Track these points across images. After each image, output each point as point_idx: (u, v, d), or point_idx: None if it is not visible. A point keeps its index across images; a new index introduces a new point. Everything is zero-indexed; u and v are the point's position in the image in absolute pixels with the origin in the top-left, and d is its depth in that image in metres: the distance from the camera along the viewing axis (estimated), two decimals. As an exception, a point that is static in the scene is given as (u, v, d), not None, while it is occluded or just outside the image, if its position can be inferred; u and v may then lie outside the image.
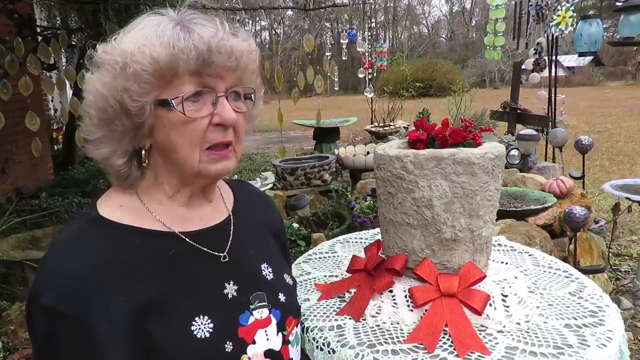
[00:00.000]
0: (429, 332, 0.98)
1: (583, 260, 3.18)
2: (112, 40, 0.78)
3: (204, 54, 0.74)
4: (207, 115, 0.78)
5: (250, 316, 0.85)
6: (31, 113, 2.78)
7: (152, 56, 0.73)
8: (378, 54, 8.48)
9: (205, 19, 0.79)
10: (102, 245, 0.76)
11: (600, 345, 0.94)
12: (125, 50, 0.75)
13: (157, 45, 0.73)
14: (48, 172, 5.98)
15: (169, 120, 0.77)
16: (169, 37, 0.74)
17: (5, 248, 2.93)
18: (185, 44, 0.74)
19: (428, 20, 48.36)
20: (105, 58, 0.76)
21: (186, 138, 0.78)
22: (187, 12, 0.80)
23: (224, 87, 0.79)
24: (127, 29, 0.79)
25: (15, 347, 2.43)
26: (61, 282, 0.71)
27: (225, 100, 0.79)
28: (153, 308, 0.75)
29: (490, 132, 1.41)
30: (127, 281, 0.74)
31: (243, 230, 0.94)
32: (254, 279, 0.91)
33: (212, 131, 0.79)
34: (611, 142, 9.52)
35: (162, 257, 0.80)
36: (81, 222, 0.81)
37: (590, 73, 28.52)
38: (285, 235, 1.12)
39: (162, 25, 0.76)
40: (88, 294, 0.70)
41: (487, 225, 1.09)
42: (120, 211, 0.82)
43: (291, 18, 32.03)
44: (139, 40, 0.75)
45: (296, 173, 4.58)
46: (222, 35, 0.77)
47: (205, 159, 0.80)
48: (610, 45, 13.81)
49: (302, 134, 12.20)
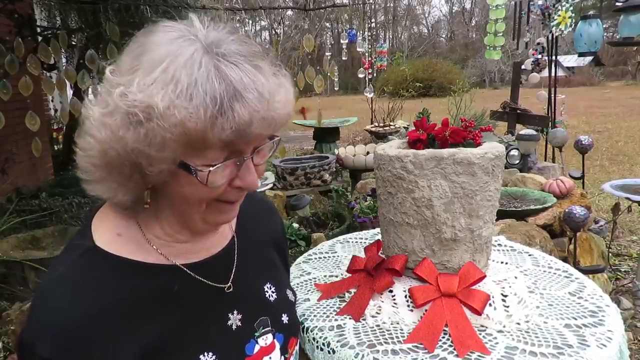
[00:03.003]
0: (429, 332, 0.98)
1: (583, 260, 3.18)
2: (127, 74, 0.63)
3: (242, 130, 0.62)
4: (228, 179, 0.69)
5: (256, 344, 0.83)
6: (31, 113, 2.78)
7: (182, 122, 0.59)
8: (378, 54, 8.49)
9: (241, 52, 0.65)
10: (100, 286, 0.69)
11: (600, 345, 0.94)
12: (151, 105, 0.59)
13: (189, 107, 0.59)
14: (48, 172, 5.98)
15: (188, 181, 0.67)
16: (204, 91, 0.60)
17: (5, 248, 2.93)
18: (220, 108, 0.60)
19: (428, 20, 48.37)
20: (120, 105, 0.61)
21: (199, 197, 0.70)
22: (214, 31, 0.66)
23: (252, 148, 0.69)
24: (142, 52, 0.63)
25: (15, 347, 2.43)
26: (57, 331, 0.64)
27: (251, 162, 0.70)
28: (158, 351, 0.70)
29: (490, 132, 1.41)
30: (129, 324, 0.69)
31: (247, 252, 0.90)
32: (258, 304, 0.87)
33: (228, 191, 0.71)
34: (611, 142, 9.52)
35: (165, 295, 0.74)
36: (75, 254, 0.72)
37: (590, 73, 28.51)
38: (285, 242, 1.09)
39: (194, 64, 0.61)
40: (86, 343, 0.65)
41: (487, 225, 1.09)
42: (119, 242, 0.74)
43: (291, 18, 32.02)
44: (167, 90, 0.59)
45: (296, 173, 4.58)
46: (265, 103, 0.63)
47: (214, 209, 0.73)
48: (610, 45, 13.81)
49: (302, 134, 12.20)
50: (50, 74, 4.12)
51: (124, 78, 0.63)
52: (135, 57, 0.64)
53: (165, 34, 0.64)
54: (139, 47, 0.65)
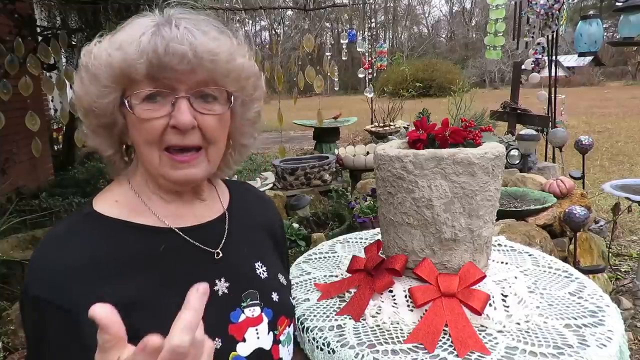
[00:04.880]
0: (429, 332, 0.98)
1: (583, 260, 3.19)
2: (97, 41, 0.79)
3: (152, 59, 0.73)
4: (163, 116, 0.76)
5: (241, 314, 0.84)
6: (31, 113, 2.78)
7: (107, 61, 0.74)
8: (378, 54, 8.50)
9: (186, 18, 0.78)
10: (90, 239, 0.77)
11: (600, 345, 0.94)
12: (91, 53, 0.77)
13: (116, 50, 0.74)
14: (48, 172, 5.98)
15: (130, 119, 0.78)
16: (132, 38, 0.74)
17: (5, 248, 2.93)
18: (138, 48, 0.73)
19: (428, 20, 48.40)
20: (82, 58, 0.79)
21: (142, 137, 0.77)
22: (177, 12, 0.79)
23: (184, 89, 0.76)
24: (116, 30, 0.79)
25: (15, 347, 2.43)
26: (48, 273, 0.72)
27: (184, 102, 0.76)
28: (140, 303, 0.74)
29: (490, 132, 1.41)
30: (114, 275, 0.74)
31: (238, 228, 0.93)
32: (247, 276, 0.89)
33: (168, 133, 0.77)
34: (611, 142, 9.52)
35: (153, 252, 0.80)
36: (74, 217, 0.83)
37: (590, 73, 28.53)
38: (283, 238, 1.10)
39: (137, 26, 0.76)
40: (74, 286, 0.71)
41: (487, 225, 1.09)
42: (115, 207, 0.82)
43: (291, 18, 32.05)
44: (106, 42, 0.77)
45: (296, 173, 4.58)
46: (175, 36, 0.74)
47: (166, 163, 0.78)
48: (610, 45, 13.81)
49: (302, 134, 12.20)
50: (50, 74, 4.12)
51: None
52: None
53: (138, 15, 0.80)
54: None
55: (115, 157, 0.85)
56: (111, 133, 0.82)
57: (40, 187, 5.10)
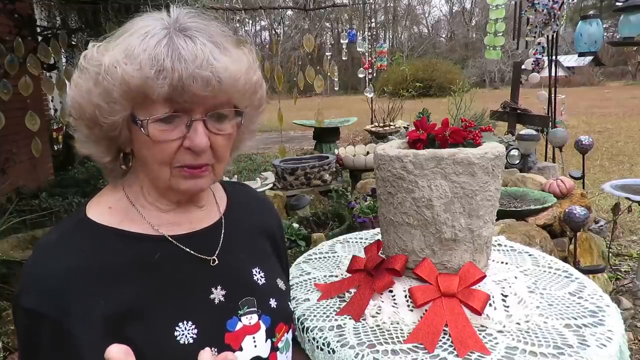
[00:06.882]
0: (429, 332, 0.98)
1: (583, 260, 3.19)
2: (99, 45, 0.75)
3: (176, 84, 0.69)
4: (178, 138, 0.74)
5: (238, 322, 0.83)
6: (31, 113, 2.78)
7: (123, 78, 0.69)
8: (378, 54, 8.50)
9: (200, 29, 0.74)
10: (83, 249, 0.75)
11: (600, 345, 0.94)
12: (101, 63, 0.71)
13: (131, 65, 0.69)
14: (48, 172, 5.98)
15: (140, 137, 0.75)
16: (149, 54, 0.69)
17: (5, 248, 2.93)
18: (160, 67, 0.69)
19: (428, 20, 48.40)
20: (85, 65, 0.74)
21: (155, 157, 0.75)
22: (185, 16, 0.76)
23: (201, 111, 0.74)
24: (119, 32, 0.75)
25: (15, 347, 2.43)
26: (40, 284, 0.71)
27: (200, 125, 0.74)
28: (134, 313, 0.73)
29: (490, 132, 1.41)
30: (107, 285, 0.73)
31: (235, 234, 0.91)
32: (244, 283, 0.88)
33: (182, 153, 0.75)
34: (611, 142, 9.52)
35: (146, 261, 0.78)
36: (66, 224, 0.81)
37: (590, 73, 28.53)
38: (282, 240, 1.09)
39: (149, 35, 0.71)
40: (66, 297, 0.70)
41: (487, 225, 1.09)
42: (108, 213, 0.80)
43: (291, 18, 32.04)
44: (118, 53, 0.71)
45: (296, 173, 4.58)
46: (201, 61, 0.70)
47: (177, 174, 0.77)
48: (610, 45, 13.81)
49: (302, 134, 12.20)
50: (50, 74, 4.12)
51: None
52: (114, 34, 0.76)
53: (142, 17, 0.76)
54: (121, 28, 0.76)
55: (112, 164, 0.82)
56: (113, 143, 0.79)
57: (40, 187, 5.10)
